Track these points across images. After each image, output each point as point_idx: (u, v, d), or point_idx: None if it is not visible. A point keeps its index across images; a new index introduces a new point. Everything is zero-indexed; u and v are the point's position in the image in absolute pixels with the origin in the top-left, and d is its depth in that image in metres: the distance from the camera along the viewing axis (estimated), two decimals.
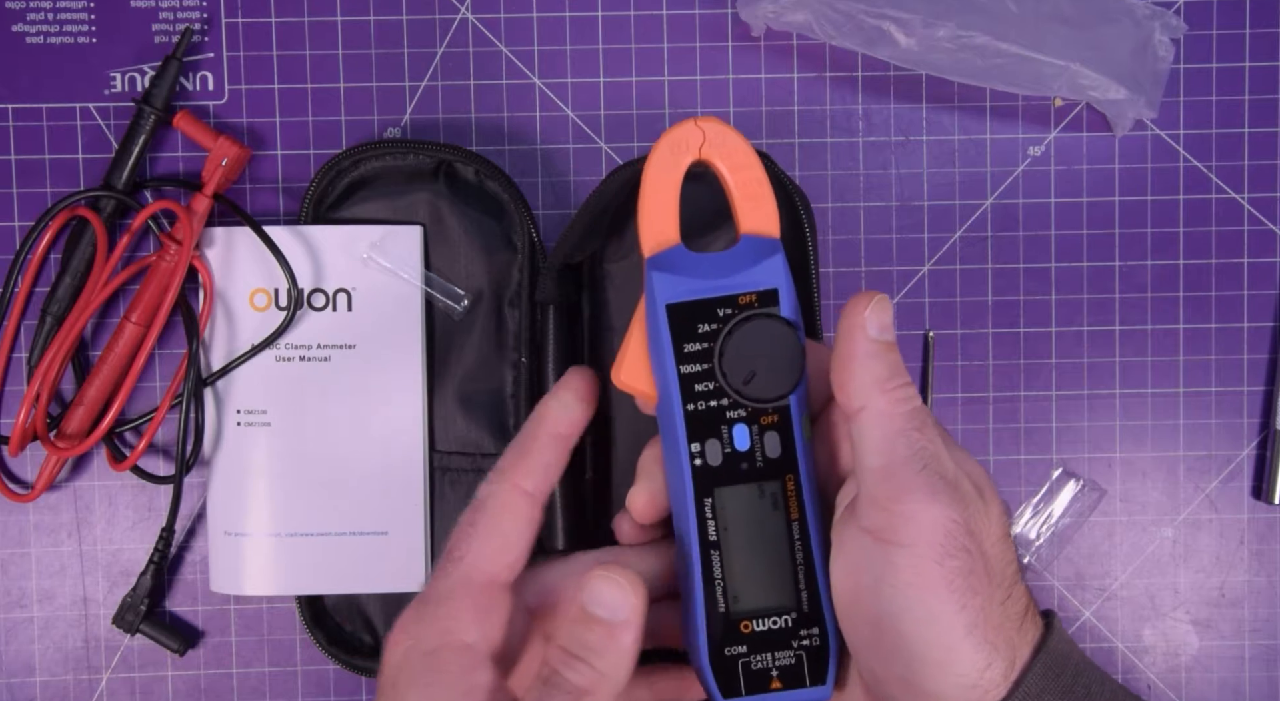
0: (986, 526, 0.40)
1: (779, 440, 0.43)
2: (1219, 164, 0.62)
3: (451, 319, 0.59)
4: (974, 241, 0.62)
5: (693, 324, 0.43)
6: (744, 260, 0.43)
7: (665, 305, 0.43)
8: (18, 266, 0.59)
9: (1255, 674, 0.62)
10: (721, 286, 0.43)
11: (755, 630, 0.43)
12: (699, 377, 0.43)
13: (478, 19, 0.61)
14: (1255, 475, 0.62)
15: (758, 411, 0.43)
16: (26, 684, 0.61)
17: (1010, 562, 0.40)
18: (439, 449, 0.59)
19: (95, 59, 0.60)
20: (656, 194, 0.44)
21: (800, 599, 0.43)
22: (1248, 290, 0.62)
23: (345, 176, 0.59)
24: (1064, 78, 0.57)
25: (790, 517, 0.43)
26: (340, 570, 0.58)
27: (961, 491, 0.39)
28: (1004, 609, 0.39)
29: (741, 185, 0.44)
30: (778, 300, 0.43)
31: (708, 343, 0.43)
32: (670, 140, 0.44)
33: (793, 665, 0.43)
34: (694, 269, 0.43)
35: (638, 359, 0.45)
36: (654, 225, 0.44)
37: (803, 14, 0.58)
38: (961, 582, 0.38)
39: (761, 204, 0.44)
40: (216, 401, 0.59)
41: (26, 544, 0.61)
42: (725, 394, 0.43)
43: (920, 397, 0.41)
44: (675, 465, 0.43)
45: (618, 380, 0.45)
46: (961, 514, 0.39)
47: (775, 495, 0.43)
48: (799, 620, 0.43)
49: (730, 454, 0.43)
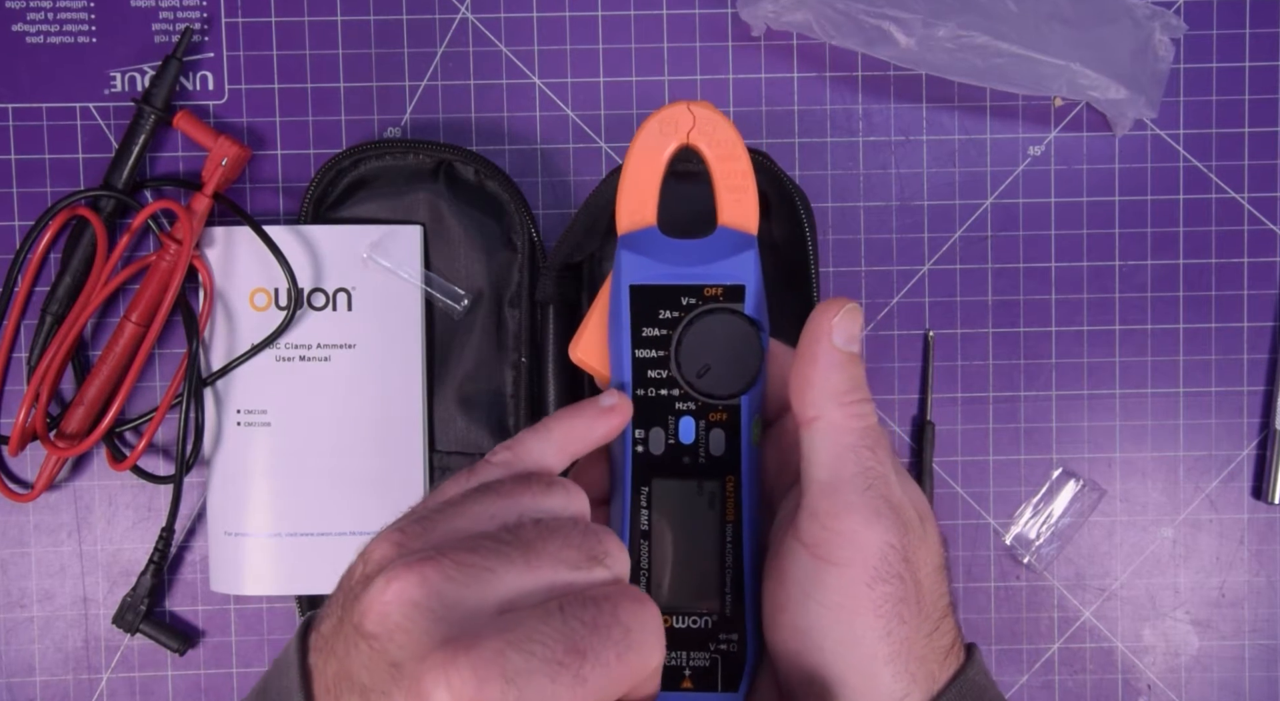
0: (924, 555, 0.39)
1: (724, 439, 0.42)
2: (1219, 164, 0.62)
3: (451, 319, 0.59)
4: (974, 241, 0.61)
5: (654, 309, 0.42)
6: (717, 252, 0.43)
7: (630, 286, 0.42)
8: (18, 266, 0.59)
9: (1255, 674, 0.62)
10: (689, 275, 0.42)
11: (674, 626, 0.42)
12: (653, 364, 0.42)
13: (478, 19, 0.61)
14: (1255, 475, 0.62)
15: (707, 407, 0.42)
16: (26, 684, 0.61)
17: (943, 595, 0.40)
18: (439, 449, 0.59)
19: (95, 59, 0.60)
20: (638, 172, 0.43)
21: (724, 602, 0.42)
22: (1248, 290, 0.62)
23: (345, 176, 0.59)
24: (1064, 78, 0.57)
25: (725, 519, 0.42)
26: (340, 570, 0.58)
27: (904, 517, 0.39)
28: (929, 641, 0.39)
29: (725, 176, 0.44)
30: (744, 297, 0.42)
31: (666, 330, 0.42)
32: (660, 120, 0.43)
33: (706, 667, 0.42)
34: (665, 253, 0.43)
35: (596, 336, 0.44)
36: (631, 203, 0.43)
37: (803, 14, 0.58)
38: (890, 609, 0.38)
39: (743, 197, 0.44)
40: (216, 401, 0.59)
41: (26, 544, 0.61)
42: (677, 384, 0.42)
43: (876, 417, 0.40)
44: (618, 449, 0.43)
45: (574, 355, 0.45)
46: (900, 539, 0.38)
47: (714, 494, 0.42)
48: (719, 623, 0.42)
49: (673, 445, 0.42)
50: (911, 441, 0.62)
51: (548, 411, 0.57)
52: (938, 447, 0.61)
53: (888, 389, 0.61)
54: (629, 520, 0.42)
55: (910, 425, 0.62)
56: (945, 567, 0.40)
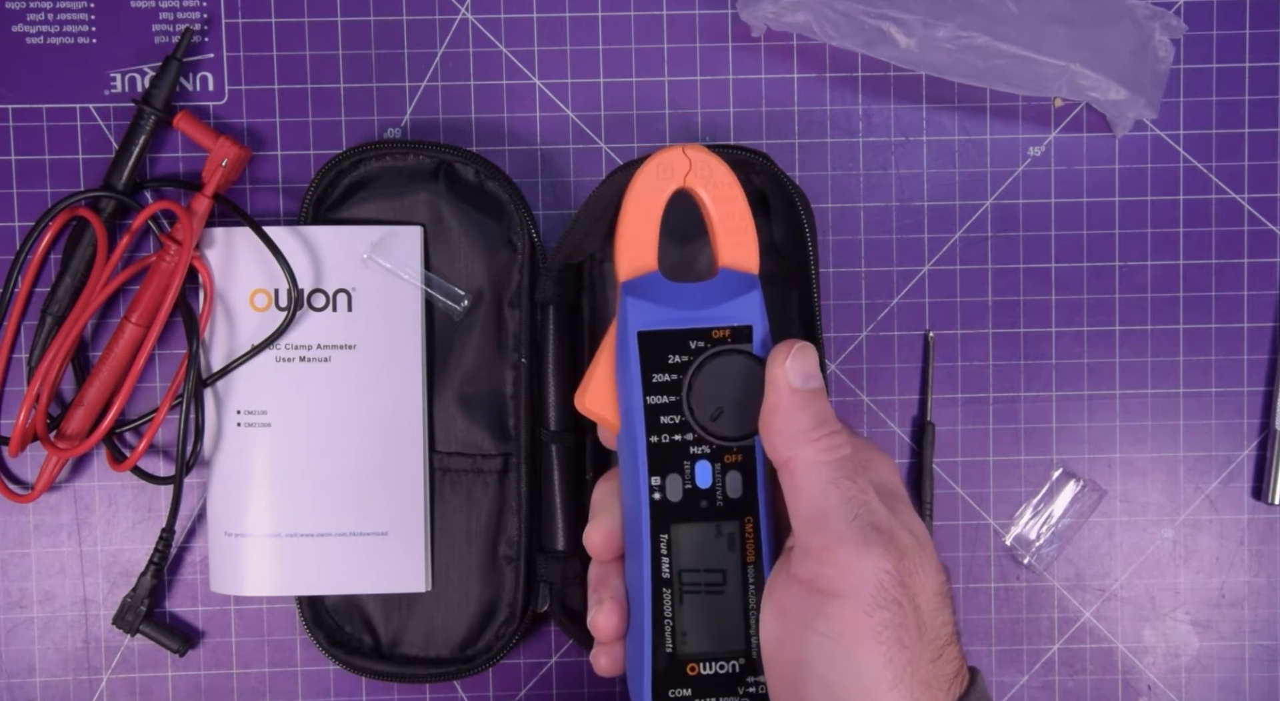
0: (922, 581, 0.39)
1: (741, 480, 0.42)
2: (1219, 164, 0.62)
3: (451, 319, 0.59)
4: (974, 242, 0.62)
5: (663, 354, 0.42)
6: (721, 294, 0.43)
7: (637, 332, 0.42)
8: (18, 266, 0.59)
9: (1255, 674, 0.62)
10: (695, 318, 0.42)
11: (701, 673, 0.42)
12: (665, 409, 0.42)
13: (478, 19, 0.61)
14: (1255, 475, 0.62)
15: (722, 449, 0.42)
16: (26, 684, 0.61)
17: (946, 623, 0.40)
18: (439, 449, 0.59)
19: (95, 59, 0.60)
20: (637, 219, 0.43)
21: (750, 645, 0.42)
22: (1248, 290, 0.62)
23: (345, 177, 0.59)
24: (1064, 78, 0.57)
25: (746, 560, 0.42)
26: (340, 570, 0.58)
27: (897, 542, 0.39)
28: (934, 667, 0.39)
29: (724, 218, 0.44)
30: (751, 337, 0.42)
31: (677, 374, 0.42)
32: (656, 165, 0.43)
33: None
34: (669, 298, 0.42)
35: (603, 384, 0.44)
36: (632, 250, 0.43)
37: (803, 14, 0.58)
38: (890, 635, 0.38)
39: (742, 238, 0.43)
40: (216, 401, 0.59)
41: (26, 544, 0.61)
42: (690, 428, 0.42)
43: (849, 447, 0.40)
44: (634, 497, 0.42)
45: (581, 405, 0.44)
46: (895, 565, 0.38)
47: (733, 536, 0.42)
48: (746, 667, 0.42)
49: (691, 490, 0.42)
50: (911, 442, 0.62)
51: (548, 411, 0.57)
52: (938, 448, 0.61)
53: (888, 389, 0.61)
54: (649, 569, 0.42)
55: (910, 425, 0.62)
56: (947, 594, 0.40)
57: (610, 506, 0.45)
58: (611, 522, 0.45)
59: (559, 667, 0.61)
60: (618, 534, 0.45)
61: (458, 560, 0.59)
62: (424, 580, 0.59)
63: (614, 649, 0.45)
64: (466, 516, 0.59)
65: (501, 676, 0.61)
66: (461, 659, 0.59)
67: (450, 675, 0.59)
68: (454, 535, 0.59)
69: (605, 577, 0.45)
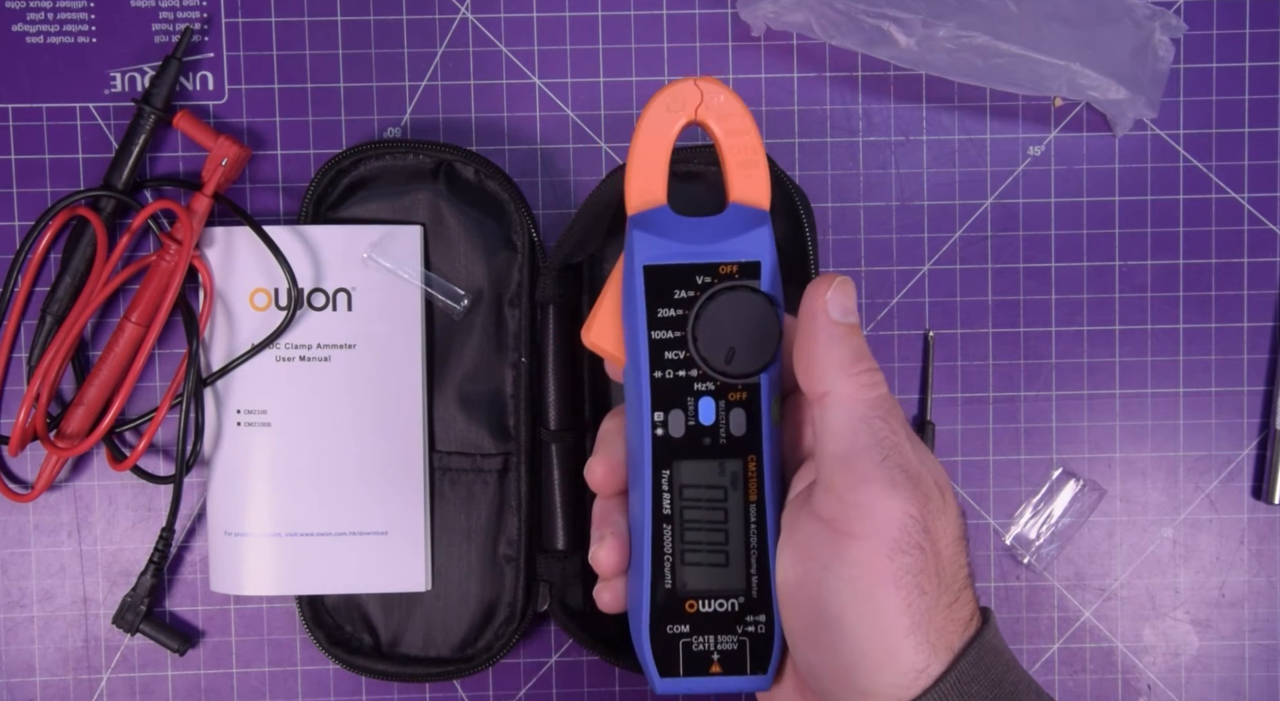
0: (944, 526, 0.39)
1: (745, 418, 0.42)
2: (1219, 164, 0.62)
3: (451, 319, 0.59)
4: (974, 241, 0.62)
5: (669, 289, 0.41)
6: (730, 229, 0.42)
7: (643, 266, 0.41)
8: (18, 266, 0.59)
9: (1255, 674, 0.62)
10: (703, 253, 0.41)
11: (700, 611, 0.42)
12: (670, 345, 0.41)
13: (478, 19, 0.61)
14: (1255, 475, 0.62)
15: (726, 386, 0.41)
16: (26, 684, 0.61)
17: (962, 566, 0.39)
18: (439, 449, 0.59)
19: (95, 59, 0.60)
20: (647, 151, 0.43)
21: (750, 584, 0.42)
22: (1248, 290, 0.62)
23: (345, 176, 0.59)
24: (1064, 78, 0.57)
25: (749, 499, 0.42)
26: (340, 570, 0.58)
27: (923, 487, 0.38)
28: (949, 612, 0.38)
29: (735, 151, 0.43)
30: (759, 273, 0.41)
31: (682, 310, 0.41)
32: (666, 97, 0.43)
33: (734, 651, 0.42)
34: (677, 232, 0.42)
35: (609, 319, 0.43)
36: (641, 182, 0.43)
37: (803, 14, 0.58)
38: (910, 580, 0.37)
39: (754, 172, 0.43)
40: (216, 401, 0.59)
41: (26, 544, 0.61)
42: (695, 364, 0.41)
43: (886, 385, 0.40)
44: (637, 433, 0.42)
45: (586, 339, 0.44)
46: (920, 509, 0.38)
47: (736, 474, 0.42)
48: (746, 605, 0.42)
49: (694, 427, 0.41)
50: None
51: (548, 411, 0.57)
52: (938, 447, 0.61)
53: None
54: (650, 505, 0.42)
55: (910, 425, 0.62)
56: (964, 538, 0.40)
57: (615, 441, 0.45)
58: (615, 456, 0.44)
59: (559, 667, 0.61)
60: (621, 468, 0.44)
61: (457, 560, 0.59)
62: (424, 579, 0.59)
63: (616, 584, 0.45)
64: (466, 516, 0.59)
65: (501, 676, 0.61)
66: (461, 658, 0.59)
67: (450, 674, 0.59)
68: (454, 534, 0.59)
69: (608, 513, 0.45)
